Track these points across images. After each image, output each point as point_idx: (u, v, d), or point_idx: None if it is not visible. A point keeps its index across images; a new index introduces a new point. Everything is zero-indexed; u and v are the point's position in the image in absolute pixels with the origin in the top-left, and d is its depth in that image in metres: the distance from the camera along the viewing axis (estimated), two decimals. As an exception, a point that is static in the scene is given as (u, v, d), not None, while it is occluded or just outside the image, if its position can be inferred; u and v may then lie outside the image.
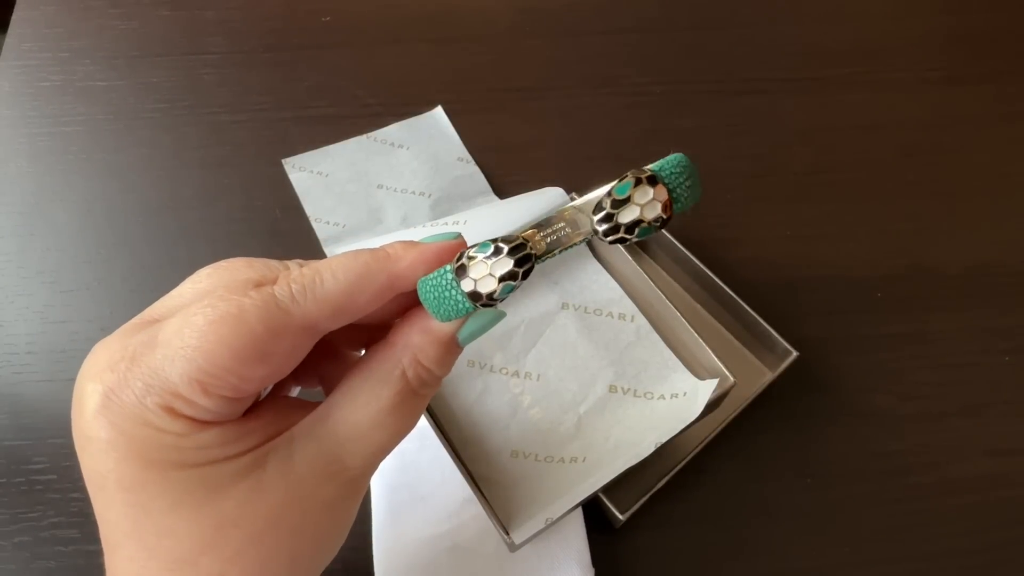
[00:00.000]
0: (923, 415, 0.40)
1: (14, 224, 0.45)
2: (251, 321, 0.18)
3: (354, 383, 0.21)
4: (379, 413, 0.21)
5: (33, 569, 0.34)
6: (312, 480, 0.20)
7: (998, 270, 0.45)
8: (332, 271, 0.20)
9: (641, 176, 0.18)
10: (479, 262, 0.19)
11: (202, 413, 0.19)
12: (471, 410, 0.35)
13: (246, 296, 0.19)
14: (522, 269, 0.18)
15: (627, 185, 0.18)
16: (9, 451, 0.37)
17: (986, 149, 0.50)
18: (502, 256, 0.19)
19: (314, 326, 0.19)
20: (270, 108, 0.50)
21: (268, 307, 0.19)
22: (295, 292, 0.19)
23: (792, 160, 0.49)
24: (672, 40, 0.55)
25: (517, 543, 0.30)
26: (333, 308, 0.19)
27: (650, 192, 0.18)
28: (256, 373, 0.19)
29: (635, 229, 0.18)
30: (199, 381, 0.18)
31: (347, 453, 0.21)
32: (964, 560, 0.36)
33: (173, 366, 0.18)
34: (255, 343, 0.18)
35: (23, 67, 0.51)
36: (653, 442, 0.32)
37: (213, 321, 0.18)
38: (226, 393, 0.19)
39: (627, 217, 0.18)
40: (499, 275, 0.19)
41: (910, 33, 0.56)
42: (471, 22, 0.56)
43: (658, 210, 0.18)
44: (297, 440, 0.21)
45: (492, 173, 0.48)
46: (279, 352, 0.19)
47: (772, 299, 0.41)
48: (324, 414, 0.21)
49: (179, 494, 0.19)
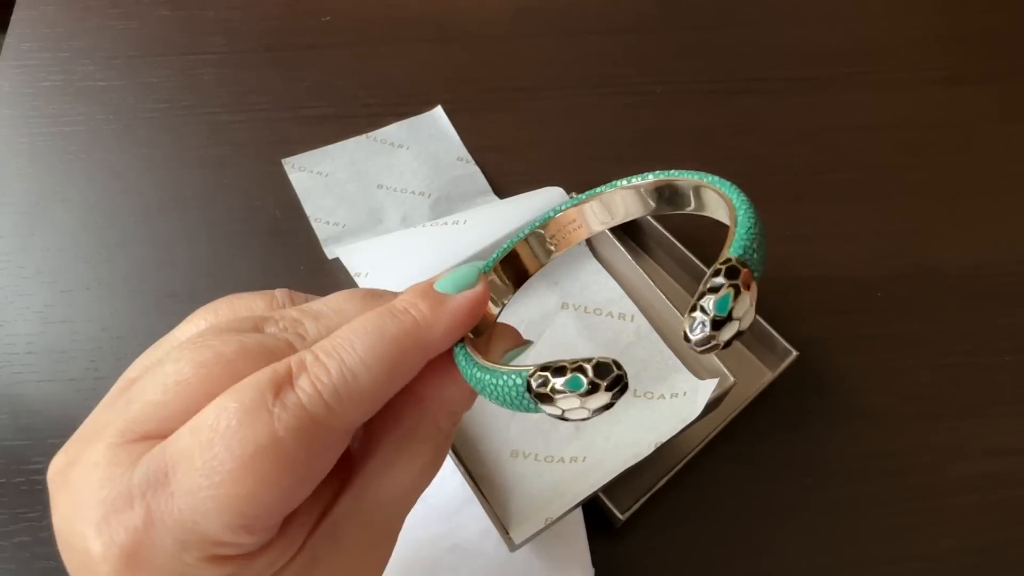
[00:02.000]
0: (923, 415, 0.40)
1: (14, 224, 0.45)
2: (290, 449, 0.15)
3: (389, 448, 0.19)
4: (420, 472, 0.20)
5: (33, 569, 0.34)
6: (363, 554, 0.19)
7: (998, 270, 0.45)
8: (361, 359, 0.17)
9: (738, 283, 0.16)
10: (569, 397, 0.16)
11: (248, 549, 0.16)
12: (471, 410, 0.35)
13: (273, 416, 0.15)
14: (618, 400, 0.17)
15: (727, 299, 0.16)
16: (9, 451, 0.37)
17: (986, 149, 0.50)
18: (599, 392, 0.16)
19: (352, 428, 0.17)
20: (270, 108, 0.50)
21: (303, 427, 0.16)
22: (328, 398, 0.16)
23: (792, 160, 0.49)
24: (672, 40, 0.55)
25: (517, 543, 0.30)
26: (372, 405, 0.17)
27: (747, 300, 0.16)
28: (301, 496, 0.17)
29: (732, 342, 0.16)
30: (243, 527, 0.15)
31: (391, 516, 0.20)
32: (964, 560, 0.36)
33: (208, 518, 0.15)
34: (298, 472, 0.16)
35: (23, 67, 0.51)
36: (653, 442, 0.32)
37: (247, 460, 0.15)
38: (272, 524, 0.17)
39: (727, 335, 0.16)
40: (594, 408, 0.16)
41: (910, 33, 0.56)
42: (471, 22, 0.56)
43: (753, 314, 0.16)
44: (340, 524, 0.19)
45: (492, 173, 0.48)
46: (321, 469, 0.17)
47: (772, 299, 0.41)
48: (363, 488, 0.19)
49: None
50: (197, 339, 0.18)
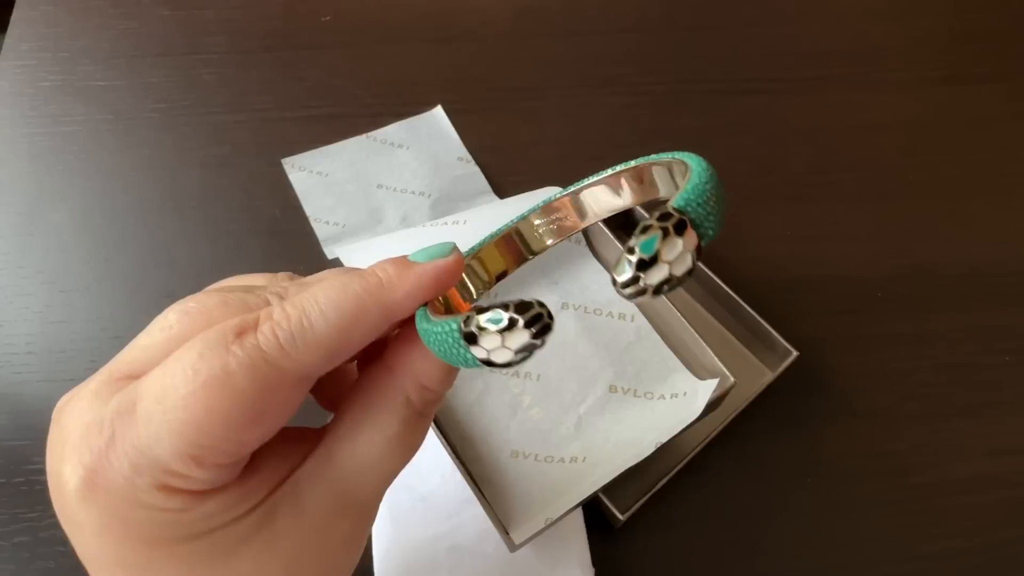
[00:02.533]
0: (923, 415, 0.40)
1: (14, 224, 0.45)
2: (240, 383, 0.16)
3: (356, 415, 0.20)
4: (387, 443, 0.20)
5: (33, 569, 0.34)
6: (325, 522, 0.20)
7: (998, 270, 0.45)
8: (321, 310, 0.18)
9: (668, 225, 0.16)
10: (492, 334, 0.17)
11: (200, 484, 0.17)
12: (471, 410, 0.35)
13: (229, 353, 0.17)
14: (540, 340, 0.17)
15: (653, 240, 0.16)
16: (9, 451, 0.37)
17: (986, 149, 0.50)
18: (518, 328, 0.16)
19: (308, 376, 0.18)
20: (270, 108, 0.50)
21: (256, 364, 0.17)
22: (283, 341, 0.17)
23: (792, 160, 0.49)
24: (673, 40, 0.55)
25: (517, 543, 0.30)
26: (326, 353, 0.18)
27: (679, 244, 0.16)
28: (251, 436, 0.17)
29: (663, 288, 0.16)
30: (192, 456, 0.16)
31: (357, 487, 0.20)
32: (964, 560, 0.36)
33: (161, 443, 0.16)
34: (247, 407, 0.17)
35: (23, 67, 0.51)
36: (653, 442, 0.32)
37: (198, 388, 0.16)
38: (222, 461, 0.17)
39: (656, 278, 0.16)
40: (515, 348, 0.17)
41: (910, 33, 0.56)
42: (471, 22, 0.56)
43: (689, 262, 0.16)
44: (303, 484, 0.20)
45: (492, 173, 0.48)
46: (273, 411, 0.18)
47: (772, 299, 0.41)
48: (328, 452, 0.20)
49: (190, 565, 0.18)
50: (190, 296, 0.19)
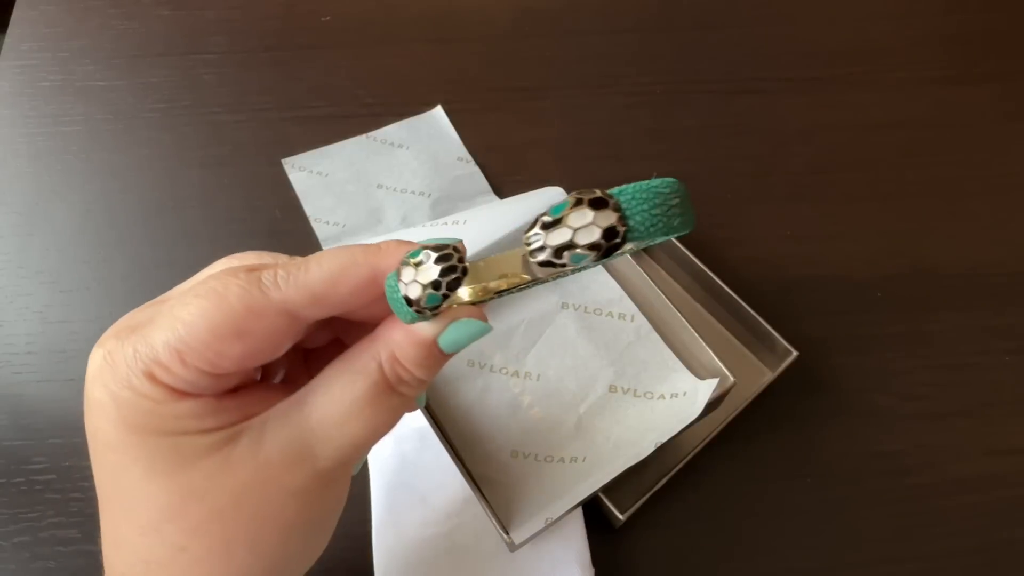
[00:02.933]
0: (923, 415, 0.40)
1: (14, 224, 0.45)
2: (231, 299, 0.19)
3: (332, 372, 0.21)
4: (352, 404, 0.21)
5: (33, 569, 0.34)
6: (279, 464, 0.20)
7: (998, 270, 0.45)
8: (319, 260, 0.20)
9: (584, 197, 0.17)
10: (409, 266, 0.18)
11: (179, 383, 0.19)
12: (471, 410, 0.35)
13: (235, 278, 0.20)
14: (446, 280, 0.17)
15: (563, 205, 0.17)
16: (9, 451, 0.37)
17: (986, 149, 0.50)
18: (428, 263, 0.18)
19: (293, 311, 0.20)
20: (270, 108, 0.50)
21: (250, 288, 0.19)
22: (279, 277, 0.20)
23: (792, 160, 0.49)
24: (672, 40, 0.55)
25: (517, 543, 0.30)
26: (312, 294, 0.20)
27: (589, 215, 0.16)
28: (232, 350, 0.19)
29: (564, 254, 0.16)
30: (178, 351, 0.19)
31: (317, 441, 0.21)
32: (964, 560, 0.36)
33: (158, 335, 0.19)
34: (232, 320, 0.19)
35: (23, 67, 0.51)
36: (653, 442, 0.32)
37: (199, 296, 0.19)
38: (202, 366, 0.19)
39: (555, 240, 0.16)
40: (424, 282, 0.18)
41: (910, 33, 0.56)
42: (471, 22, 0.56)
43: (596, 236, 0.16)
44: (270, 422, 0.21)
45: (492, 173, 0.48)
46: (255, 331, 0.19)
47: (772, 299, 0.41)
48: (300, 399, 0.21)
49: (154, 460, 0.19)
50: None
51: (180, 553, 0.20)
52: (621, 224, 0.16)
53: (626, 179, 0.18)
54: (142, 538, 0.20)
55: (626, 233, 0.16)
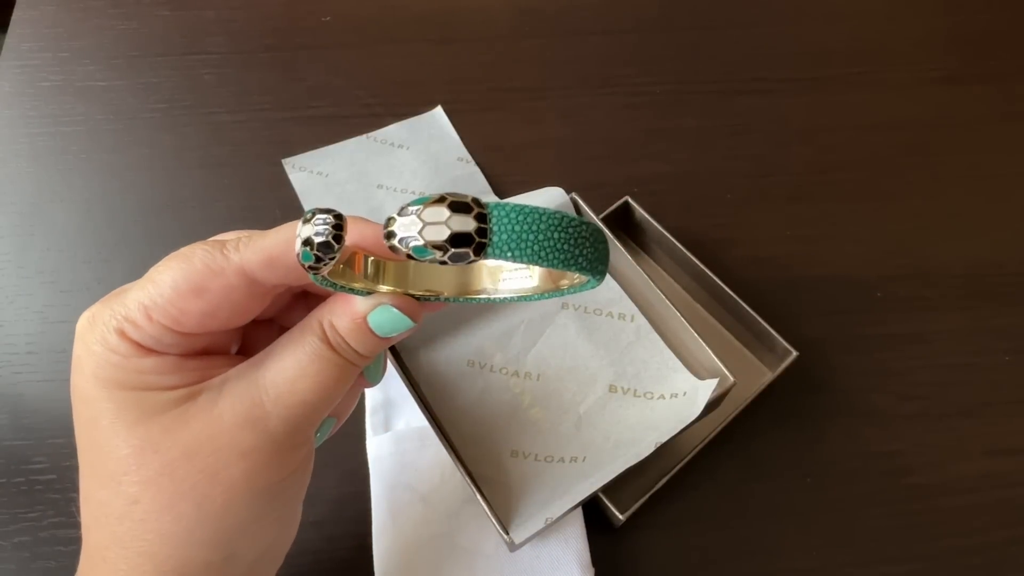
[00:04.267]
0: (923, 415, 0.40)
1: (14, 224, 0.45)
2: (194, 261, 0.21)
3: (287, 335, 0.23)
4: (298, 366, 0.22)
5: (33, 569, 0.34)
6: (231, 419, 0.21)
7: (998, 270, 0.45)
8: (279, 228, 0.21)
9: (448, 197, 0.17)
10: (303, 225, 0.19)
11: (146, 339, 0.21)
12: (471, 410, 0.35)
13: (203, 245, 0.21)
14: (317, 241, 0.18)
15: (424, 199, 0.17)
16: (9, 451, 0.37)
17: (986, 149, 0.50)
18: (312, 222, 0.18)
19: (250, 272, 0.21)
20: (270, 108, 0.50)
21: (212, 252, 0.21)
22: (240, 243, 0.21)
23: (792, 160, 0.49)
24: (672, 40, 0.55)
25: (517, 543, 0.30)
26: (268, 256, 0.21)
27: (443, 214, 0.16)
28: (192, 306, 0.21)
29: (407, 243, 0.17)
30: (145, 307, 0.21)
31: (269, 400, 0.21)
32: (964, 560, 0.36)
33: (132, 295, 0.21)
34: (192, 278, 0.21)
35: (23, 67, 0.51)
36: (653, 442, 0.32)
37: (170, 259, 0.21)
38: (165, 322, 0.21)
39: (405, 230, 0.17)
40: (302, 238, 0.18)
41: (910, 33, 0.56)
42: (471, 22, 0.56)
43: (442, 235, 0.16)
44: (230, 381, 0.22)
45: (492, 173, 0.48)
46: (213, 289, 0.21)
47: (772, 299, 0.41)
48: (258, 360, 0.22)
49: (118, 412, 0.21)
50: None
51: (133, 506, 0.21)
52: (480, 235, 0.16)
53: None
54: (102, 490, 0.21)
55: (483, 246, 0.16)
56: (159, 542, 0.21)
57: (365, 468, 0.36)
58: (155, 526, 0.21)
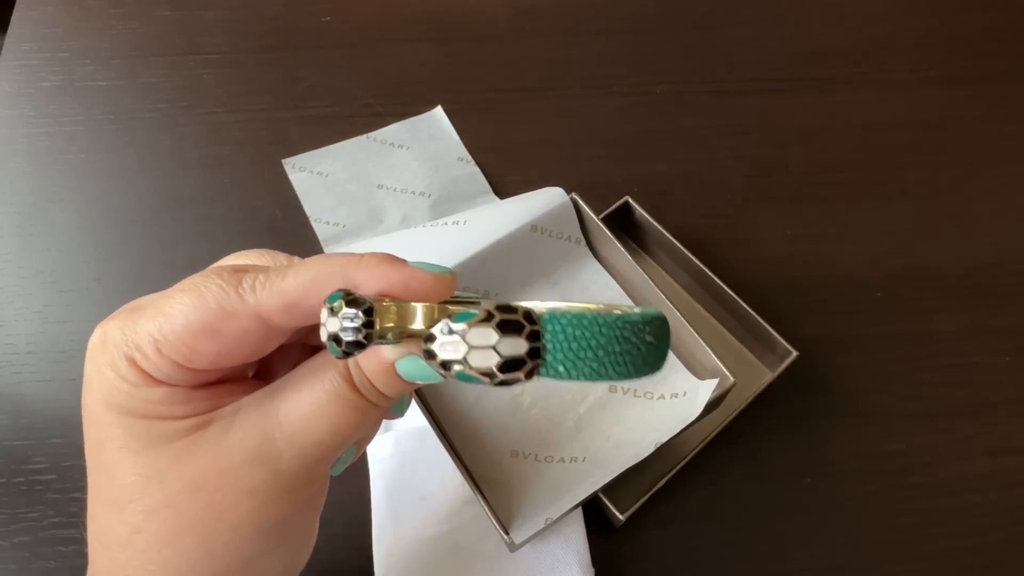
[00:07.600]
0: (923, 415, 0.40)
1: (14, 224, 0.45)
2: (208, 300, 0.20)
3: (305, 367, 0.21)
4: (314, 405, 0.20)
5: (33, 569, 0.34)
6: (241, 455, 0.20)
7: (998, 270, 0.45)
8: (298, 268, 0.20)
9: (497, 315, 0.14)
10: (330, 317, 0.18)
11: (155, 371, 0.20)
12: (471, 410, 0.35)
13: (218, 278, 0.20)
14: (346, 339, 0.17)
15: (469, 316, 0.15)
16: (9, 451, 0.37)
17: (986, 149, 0.50)
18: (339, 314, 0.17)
19: (266, 316, 0.20)
20: (270, 108, 0.50)
21: (227, 291, 0.20)
22: (257, 283, 0.20)
23: (792, 160, 0.49)
24: (672, 40, 0.55)
25: (517, 543, 0.30)
26: (285, 302, 0.20)
27: (491, 338, 0.14)
28: (205, 347, 0.20)
29: (451, 367, 0.15)
30: (155, 340, 0.20)
31: (282, 436, 0.20)
32: (964, 560, 0.36)
33: (143, 323, 0.20)
34: (206, 319, 0.20)
35: (23, 67, 0.51)
36: (653, 442, 0.32)
37: (183, 291, 0.20)
38: (176, 358, 0.20)
39: (446, 353, 0.15)
40: (329, 332, 0.17)
41: (910, 33, 0.56)
42: (471, 22, 0.56)
43: (489, 362, 0.14)
44: (242, 410, 0.21)
45: (492, 173, 0.48)
46: (227, 332, 0.20)
47: (772, 299, 0.41)
48: (272, 390, 0.21)
49: (126, 438, 0.20)
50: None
51: (136, 535, 0.20)
52: (532, 356, 0.14)
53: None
54: (106, 515, 0.21)
55: (535, 368, 0.14)
56: (162, 572, 0.20)
57: (365, 468, 0.36)
58: (157, 556, 0.20)
